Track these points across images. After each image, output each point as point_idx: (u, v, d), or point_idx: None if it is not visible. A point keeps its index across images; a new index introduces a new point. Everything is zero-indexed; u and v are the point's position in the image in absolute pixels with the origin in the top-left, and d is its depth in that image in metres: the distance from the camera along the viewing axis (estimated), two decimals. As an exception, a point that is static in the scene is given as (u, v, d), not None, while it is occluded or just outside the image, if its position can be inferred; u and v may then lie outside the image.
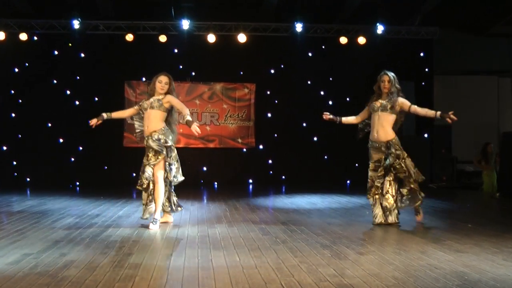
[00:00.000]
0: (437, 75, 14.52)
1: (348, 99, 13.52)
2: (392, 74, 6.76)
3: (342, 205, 9.04)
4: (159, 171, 6.47)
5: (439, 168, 13.85)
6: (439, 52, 14.33)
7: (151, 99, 6.54)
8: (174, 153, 6.55)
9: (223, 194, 10.98)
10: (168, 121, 6.61)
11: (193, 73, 13.77)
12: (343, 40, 13.31)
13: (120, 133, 13.45)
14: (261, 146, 14.01)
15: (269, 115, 14.04)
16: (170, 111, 6.61)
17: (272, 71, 14.00)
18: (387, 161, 6.64)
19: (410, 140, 12.49)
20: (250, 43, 13.16)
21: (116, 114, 6.85)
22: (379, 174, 6.71)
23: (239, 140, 13.99)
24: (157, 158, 6.43)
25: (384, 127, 6.67)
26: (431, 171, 13.54)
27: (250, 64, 13.72)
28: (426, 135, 13.90)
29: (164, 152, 6.43)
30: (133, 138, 13.22)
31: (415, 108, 6.63)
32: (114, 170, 13.26)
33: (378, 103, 6.74)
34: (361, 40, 13.26)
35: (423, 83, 14.05)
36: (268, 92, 13.97)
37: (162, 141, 6.42)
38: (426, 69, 14.23)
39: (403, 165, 6.64)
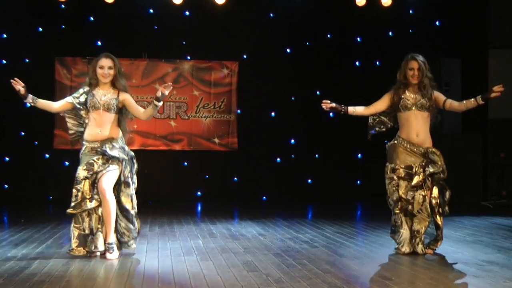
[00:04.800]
0: (494, 49, 14.57)
1: (365, 83, 13.51)
2: (422, 58, 7.04)
3: (358, 230, 9.07)
4: (109, 183, 6.67)
5: (496, 179, 13.91)
6: (497, 18, 14.39)
7: (104, 97, 6.76)
8: (135, 167, 6.92)
9: (193, 215, 11.00)
10: (118, 118, 6.91)
11: (151, 48, 13.76)
12: (360, 1, 13.37)
13: (50, 131, 13.30)
14: (245, 148, 14.04)
15: (257, 105, 14.08)
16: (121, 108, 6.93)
17: (261, 45, 13.99)
18: (430, 169, 6.88)
19: (455, 142, 12.59)
20: (230, 5, 13.15)
21: (43, 104, 6.86)
22: (413, 183, 6.90)
23: (216, 140, 14.01)
24: (107, 166, 6.65)
25: (426, 130, 7.06)
26: (485, 183, 13.59)
27: (231, 35, 13.72)
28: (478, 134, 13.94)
29: (122, 163, 6.71)
30: (67, 137, 13.14)
31: (451, 103, 7.04)
32: (41, 182, 13.18)
33: (411, 99, 7.04)
34: (386, 1, 13.32)
35: (473, 60, 14.13)
36: (256, 74, 13.99)
37: (126, 149, 6.85)
38: (478, 41, 14.32)
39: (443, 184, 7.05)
